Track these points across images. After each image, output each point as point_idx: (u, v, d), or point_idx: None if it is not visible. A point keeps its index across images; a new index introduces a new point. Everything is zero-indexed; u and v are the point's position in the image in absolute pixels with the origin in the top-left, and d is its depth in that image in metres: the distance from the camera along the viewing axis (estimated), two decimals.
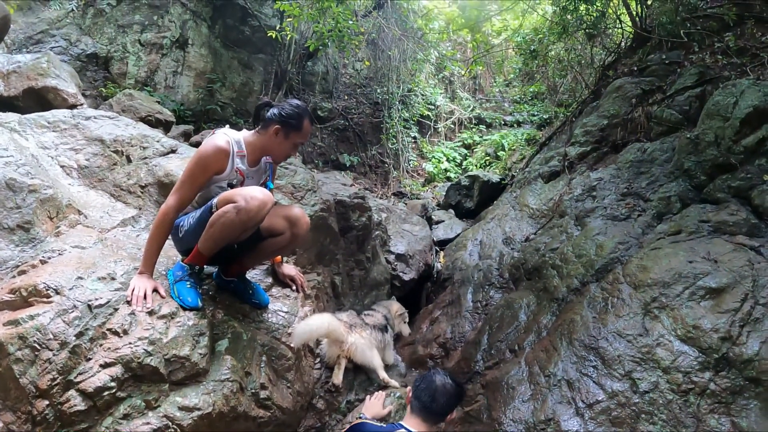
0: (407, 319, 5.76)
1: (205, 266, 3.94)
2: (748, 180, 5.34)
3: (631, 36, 10.06)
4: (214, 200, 3.52)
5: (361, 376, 4.63)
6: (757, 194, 5.12)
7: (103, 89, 10.11)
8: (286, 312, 4.36)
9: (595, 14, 10.25)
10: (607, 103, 8.31)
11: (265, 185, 3.93)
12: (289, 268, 4.71)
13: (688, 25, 8.26)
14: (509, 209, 8.09)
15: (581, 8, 10.15)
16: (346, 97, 13.91)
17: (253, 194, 3.39)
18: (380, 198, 11.61)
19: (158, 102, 9.74)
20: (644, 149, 6.84)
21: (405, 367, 5.95)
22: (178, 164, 5.08)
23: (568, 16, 10.43)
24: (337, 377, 4.51)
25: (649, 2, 9.70)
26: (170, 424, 3.04)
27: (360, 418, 3.93)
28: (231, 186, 3.69)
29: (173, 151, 5.49)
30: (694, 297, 4.44)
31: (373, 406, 4.25)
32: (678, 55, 8.12)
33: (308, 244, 5.08)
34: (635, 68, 8.84)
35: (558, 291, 5.64)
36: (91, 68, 10.35)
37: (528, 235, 7.28)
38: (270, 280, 4.55)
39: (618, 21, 10.69)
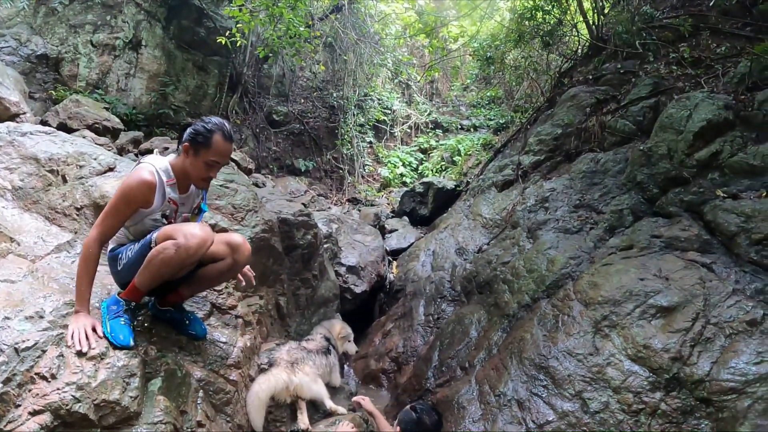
0: (351, 338, 5.57)
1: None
2: (700, 194, 5.30)
3: (588, 44, 10.09)
4: (154, 235, 3.37)
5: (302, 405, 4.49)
6: (709, 209, 5.06)
7: (53, 92, 9.77)
8: (224, 342, 4.17)
9: (552, 22, 10.26)
10: (561, 111, 8.28)
11: (198, 209, 3.82)
12: None
13: (644, 35, 8.27)
14: (463, 218, 8.02)
15: (538, 16, 10.16)
16: (302, 101, 13.75)
17: (193, 232, 3.28)
18: (335, 204, 11.50)
19: (107, 107, 9.47)
20: (597, 159, 6.81)
21: (356, 384, 5.83)
22: (114, 185, 4.82)
23: (525, 23, 10.43)
24: (303, 421, 4.40)
25: (605, 11, 9.73)
26: None
27: None
28: (165, 217, 3.55)
29: (111, 169, 5.24)
30: (645, 316, 4.38)
31: None
32: (633, 65, 8.14)
33: (250, 267, 4.87)
34: (590, 77, 8.85)
35: (509, 307, 5.56)
36: (41, 70, 10.00)
37: (481, 245, 7.21)
38: (208, 308, 4.35)
39: (574, 29, 10.72)
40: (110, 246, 3.63)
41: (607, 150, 6.98)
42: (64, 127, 7.84)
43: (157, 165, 3.50)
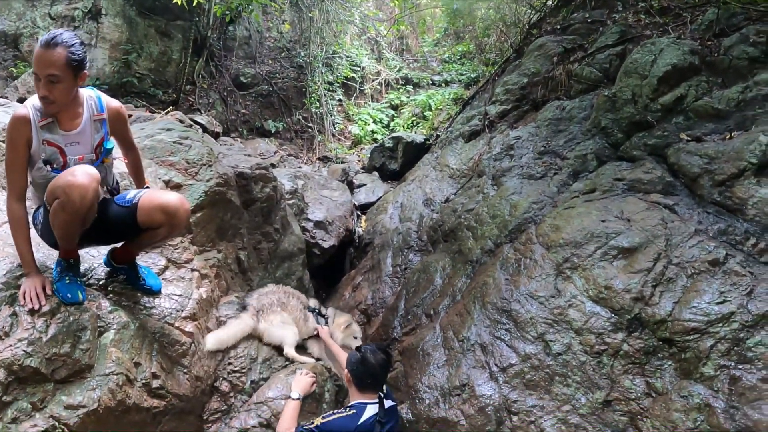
0: (357, 335, 5.40)
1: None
2: (664, 138, 5.28)
3: None
4: (46, 194, 3.18)
5: (263, 354, 4.45)
6: (672, 152, 5.03)
7: (13, 69, 9.52)
8: (179, 295, 4.09)
9: None
10: (528, 61, 8.21)
11: (101, 146, 3.47)
12: None
13: None
14: (430, 170, 7.97)
15: None
16: (269, 62, 13.47)
17: (69, 182, 2.98)
18: (305, 163, 11.39)
19: None
20: (563, 107, 6.76)
21: None
22: None
23: None
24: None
25: None
26: (57, 424, 2.93)
27: (297, 399, 3.99)
28: (49, 163, 3.26)
29: None
30: (607, 257, 4.38)
31: (301, 382, 4.17)
32: (601, 14, 8.06)
33: (206, 221, 4.83)
34: (558, 27, 8.75)
35: (472, 253, 5.55)
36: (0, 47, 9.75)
37: (448, 195, 7.18)
38: (163, 263, 4.27)
39: None
40: (32, 210, 3.49)
41: (573, 98, 6.93)
42: (23, 102, 7.62)
43: (33, 101, 3.25)
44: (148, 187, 3.95)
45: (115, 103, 3.57)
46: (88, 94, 3.43)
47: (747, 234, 4.13)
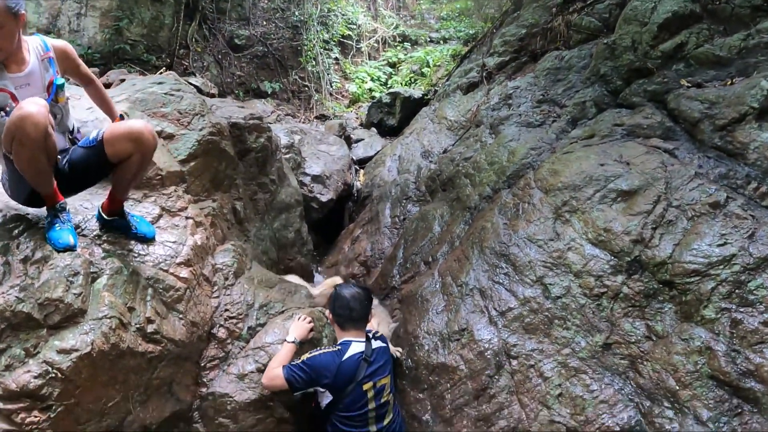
0: None
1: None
2: (664, 84, 5.18)
3: None
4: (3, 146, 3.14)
5: (260, 300, 4.42)
6: (672, 98, 4.94)
7: None
8: (173, 242, 4.06)
9: None
10: (527, 12, 8.11)
11: (52, 84, 3.40)
12: None
13: None
14: (428, 123, 7.91)
15: None
16: (264, 23, 13.27)
17: (18, 116, 2.92)
18: (303, 122, 11.31)
19: None
20: (562, 57, 6.68)
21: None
22: None
23: None
24: None
25: None
26: (50, 369, 2.92)
27: (293, 342, 4.02)
28: (1, 109, 3.19)
29: None
30: (606, 200, 4.32)
31: (298, 327, 4.17)
32: None
33: (200, 170, 4.78)
34: None
35: (470, 200, 5.52)
36: None
37: (446, 147, 7.14)
38: (157, 211, 4.23)
39: None
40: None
41: (572, 48, 6.82)
42: None
43: None
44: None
45: (60, 42, 3.55)
46: (32, 39, 3.40)
47: (748, 178, 4.06)
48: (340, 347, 3.90)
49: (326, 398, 3.85)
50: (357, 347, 3.89)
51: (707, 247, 3.71)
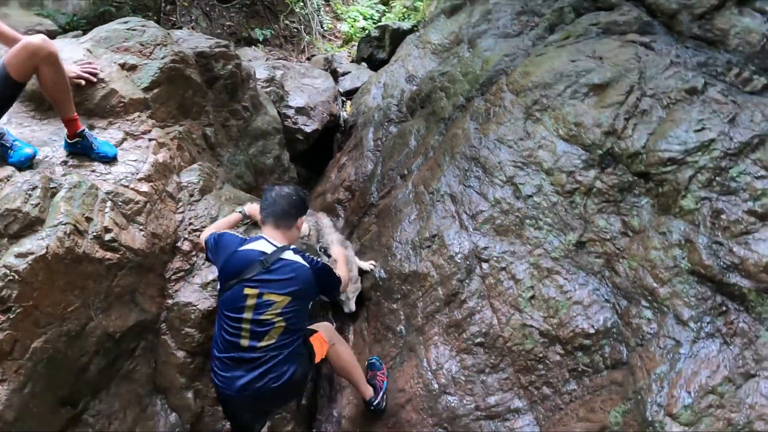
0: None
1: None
2: None
3: None
4: None
5: (225, 212, 4.40)
6: None
7: None
8: (134, 160, 4.13)
9: None
10: None
11: None
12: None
13: None
14: (413, 49, 7.75)
15: None
16: None
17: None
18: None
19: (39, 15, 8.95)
20: None
21: None
22: None
23: None
24: None
25: None
26: (8, 272, 3.03)
27: (240, 212, 4.22)
28: None
29: None
30: (577, 95, 4.20)
31: (254, 207, 4.20)
32: None
33: (164, 97, 4.79)
34: None
35: (445, 111, 5.43)
36: None
37: (430, 69, 7.00)
38: (121, 136, 4.29)
39: None
40: None
41: None
42: None
43: None
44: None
45: None
46: None
47: (729, 64, 3.92)
48: (247, 237, 3.76)
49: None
50: (262, 245, 3.54)
51: (683, 133, 3.55)
